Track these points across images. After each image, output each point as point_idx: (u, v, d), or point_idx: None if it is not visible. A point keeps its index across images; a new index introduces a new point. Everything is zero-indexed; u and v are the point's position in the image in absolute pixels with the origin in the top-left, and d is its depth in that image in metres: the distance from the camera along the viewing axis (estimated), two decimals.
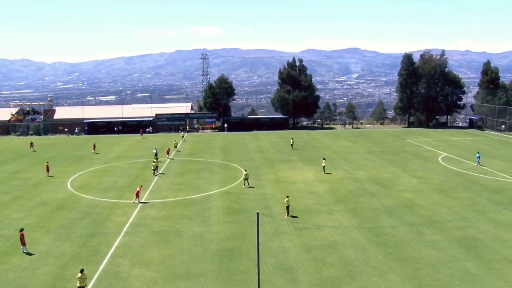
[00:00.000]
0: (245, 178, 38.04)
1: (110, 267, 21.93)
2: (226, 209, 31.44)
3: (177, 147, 58.61)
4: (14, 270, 21.70)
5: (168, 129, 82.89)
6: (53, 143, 69.83)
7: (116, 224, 28.51)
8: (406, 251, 23.34)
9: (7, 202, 34.24)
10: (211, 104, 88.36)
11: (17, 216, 30.42)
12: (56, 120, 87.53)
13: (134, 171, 45.31)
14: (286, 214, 29.19)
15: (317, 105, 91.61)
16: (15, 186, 39.60)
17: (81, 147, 63.74)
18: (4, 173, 45.42)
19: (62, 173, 45.02)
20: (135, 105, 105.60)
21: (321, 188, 36.95)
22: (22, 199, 34.91)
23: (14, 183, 40.68)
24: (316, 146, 61.01)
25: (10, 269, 21.80)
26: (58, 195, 36.12)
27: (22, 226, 26.29)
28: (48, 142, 71.36)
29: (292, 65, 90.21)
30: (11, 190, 38.09)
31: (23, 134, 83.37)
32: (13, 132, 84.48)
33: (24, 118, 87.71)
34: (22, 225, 26.66)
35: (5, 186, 39.49)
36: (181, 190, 36.94)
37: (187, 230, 26.87)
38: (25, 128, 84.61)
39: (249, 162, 48.91)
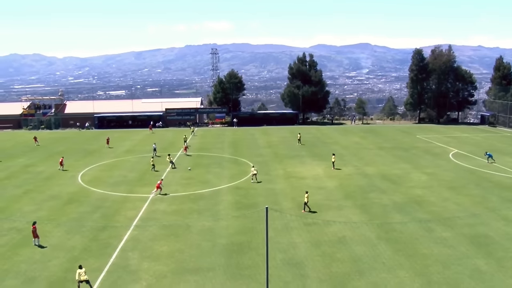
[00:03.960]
0: (253, 173, 38.00)
1: (120, 260, 22.13)
2: (235, 204, 31.51)
3: (186, 141, 58.67)
4: (26, 262, 22.02)
5: (178, 124, 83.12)
6: (64, 137, 70.44)
7: (126, 218, 28.73)
8: (415, 248, 23.22)
9: (19, 195, 34.66)
10: (220, 99, 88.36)
11: (29, 209, 30.80)
12: (67, 114, 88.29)
13: (143, 166, 45.55)
14: (303, 209, 29.26)
15: (327, 100, 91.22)
16: (27, 179, 40.07)
17: (91, 141, 64.21)
18: (16, 167, 45.97)
19: (73, 167, 45.42)
20: (145, 99, 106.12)
21: (331, 183, 36.85)
22: (34, 193, 35.32)
23: (25, 177, 41.15)
24: (325, 141, 60.78)
25: (22, 261, 22.13)
26: (69, 188, 36.48)
27: (34, 219, 26.61)
28: (59, 136, 72.01)
29: (302, 60, 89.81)
30: (23, 183, 38.55)
31: (34, 128, 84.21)
32: (25, 126, 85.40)
33: (35, 112, 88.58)
34: (33, 218, 27.00)
35: (17, 180, 39.98)
36: (190, 185, 37.09)
37: (196, 225, 27.00)
38: (36, 122, 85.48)
39: (258, 157, 48.91)
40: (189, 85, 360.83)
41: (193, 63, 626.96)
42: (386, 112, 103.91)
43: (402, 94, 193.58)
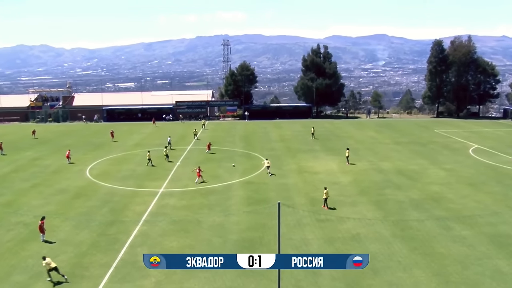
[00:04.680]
0: (266, 165, 38.68)
1: (128, 256, 22.32)
2: (247, 199, 31.57)
3: (196, 135, 58.93)
4: (33, 257, 22.31)
5: (188, 117, 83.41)
6: (72, 130, 71.16)
7: (135, 212, 28.97)
8: (432, 246, 23.00)
9: (26, 189, 35.15)
10: (232, 92, 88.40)
11: (36, 203, 31.21)
12: (75, 107, 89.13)
13: (153, 160, 45.64)
14: (323, 205, 29.28)
15: (342, 93, 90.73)
16: (34, 173, 40.59)
17: (100, 134, 64.75)
18: (24, 160, 46.60)
19: (81, 160, 45.88)
20: (154, 92, 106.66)
21: (345, 179, 36.69)
22: (41, 186, 35.79)
23: (33, 170, 41.70)
24: (340, 135, 60.51)
25: (30, 256, 22.43)
26: (77, 182, 36.88)
27: (41, 213, 27.01)
28: (67, 129, 72.77)
29: (316, 51, 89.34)
30: (31, 177, 39.07)
31: (42, 121, 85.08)
32: (32, 118, 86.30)
33: (43, 104, 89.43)
34: (41, 213, 27.38)
35: (24, 173, 40.53)
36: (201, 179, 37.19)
37: (207, 220, 27.11)
38: (44, 115, 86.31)
39: (270, 151, 48.87)
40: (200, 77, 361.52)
41: (204, 54, 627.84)
42: (403, 106, 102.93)
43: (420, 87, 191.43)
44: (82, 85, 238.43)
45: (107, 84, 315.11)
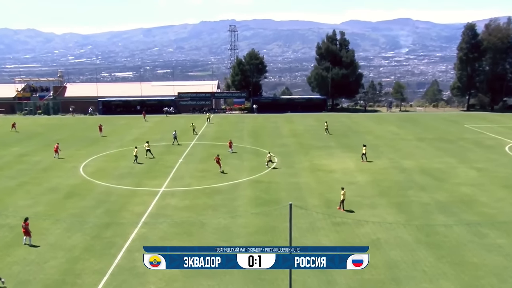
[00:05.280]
0: (268, 160, 39.93)
1: (125, 261, 22.35)
2: (255, 200, 31.53)
3: (195, 129, 58.89)
4: (19, 263, 22.32)
5: (191, 110, 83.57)
6: (64, 124, 71.60)
7: (133, 214, 29.03)
8: (463, 255, 22.71)
9: (12, 188, 35.33)
10: (239, 82, 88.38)
11: (24, 204, 31.34)
12: (67, 98, 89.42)
13: (153, 155, 45.92)
14: (338, 207, 29.25)
15: (360, 84, 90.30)
16: (22, 170, 40.80)
17: (95, 128, 64.89)
18: (10, 156, 46.91)
19: (74, 157, 46.10)
20: (155, 82, 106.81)
21: (363, 178, 36.50)
22: (29, 185, 35.97)
23: (20, 167, 41.92)
24: (357, 131, 60.32)
25: (15, 262, 22.40)
26: (69, 181, 37.03)
27: (29, 214, 27.08)
28: (59, 123, 73.23)
29: (332, 38, 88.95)
30: (17, 175, 39.26)
31: (30, 113, 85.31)
32: (19, 111, 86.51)
33: (31, 95, 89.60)
34: (29, 214, 27.44)
35: (10, 171, 40.76)
36: (205, 178, 37.26)
37: (212, 222, 27.09)
38: (32, 106, 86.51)
39: (281, 148, 48.79)
40: (204, 67, 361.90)
41: (209, 41, 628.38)
42: (428, 98, 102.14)
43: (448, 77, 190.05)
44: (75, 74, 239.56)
45: (103, 73, 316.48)
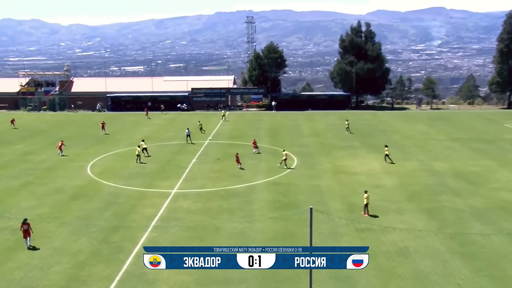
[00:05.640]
0: (284, 159, 40.13)
1: (134, 267, 22.46)
2: (273, 203, 31.50)
3: (202, 128, 58.80)
4: (22, 268, 22.50)
5: (206, 107, 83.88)
6: (70, 121, 72.43)
7: (143, 216, 29.21)
8: (503, 268, 22.23)
9: (16, 188, 35.78)
10: (257, 78, 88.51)
11: (27, 205, 31.69)
12: (74, 93, 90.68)
13: (165, 155, 46.21)
14: (363, 212, 29.10)
15: (387, 80, 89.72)
16: (26, 170, 41.31)
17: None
18: (13, 155, 47.57)
19: (81, 155, 46.60)
20: (167, 77, 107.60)
21: (390, 181, 36.20)
22: (33, 185, 36.42)
23: (24, 167, 42.47)
24: (383, 130, 59.98)
25: (17, 268, 22.58)
26: (76, 181, 37.42)
27: (33, 216, 27.40)
28: (65, 120, 74.12)
29: (356, 30, 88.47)
30: (21, 174, 39.76)
31: (34, 109, 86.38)
32: (23, 106, 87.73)
33: (36, 90, 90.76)
34: (33, 216, 27.72)
35: (13, 170, 41.28)
36: (220, 179, 37.36)
37: (226, 227, 27.10)
38: (37, 102, 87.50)
39: (301, 148, 48.68)
40: (219, 61, 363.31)
41: (225, 34, 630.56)
42: (463, 95, 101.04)
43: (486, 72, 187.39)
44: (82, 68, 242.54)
45: (112, 67, 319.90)
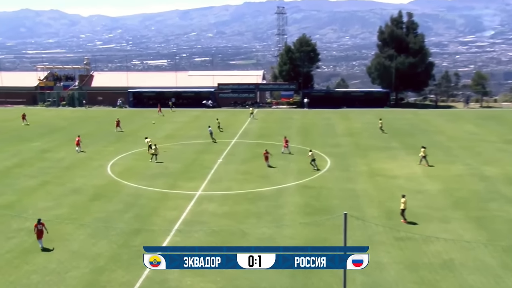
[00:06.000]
0: (312, 159, 40.08)
1: (156, 273, 22.61)
2: (304, 207, 31.42)
3: (220, 126, 58.84)
4: (39, 272, 22.91)
5: (233, 104, 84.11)
6: (91, 117, 73.62)
7: (165, 219, 29.48)
8: None
9: (33, 187, 36.54)
10: (288, 73, 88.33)
11: (45, 206, 32.31)
12: (94, 88, 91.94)
13: (189, 155, 46.57)
14: (403, 219, 28.82)
15: (431, 75, 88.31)
16: (43, 168, 42.17)
17: (124, 123, 66.33)
18: (30, 152, 48.60)
19: (101, 154, 47.34)
20: (192, 72, 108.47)
21: (433, 186, 35.69)
22: (51, 185, 37.14)
23: (42, 165, 43.35)
24: (426, 130, 59.32)
25: (34, 271, 23.01)
26: (95, 181, 38.03)
27: (51, 217, 27.97)
28: (84, 116, 75.40)
29: (397, 21, 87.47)
30: (38, 173, 40.57)
31: (53, 104, 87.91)
32: (41, 102, 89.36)
33: (54, 84, 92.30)
34: (50, 216, 28.34)
35: (31, 169, 42.17)
36: (247, 181, 37.48)
37: (254, 232, 27.12)
38: (55, 97, 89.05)
39: (335, 148, 48.46)
40: (247, 54, 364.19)
41: (254, 25, 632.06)
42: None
43: None
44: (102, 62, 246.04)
45: (134, 61, 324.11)
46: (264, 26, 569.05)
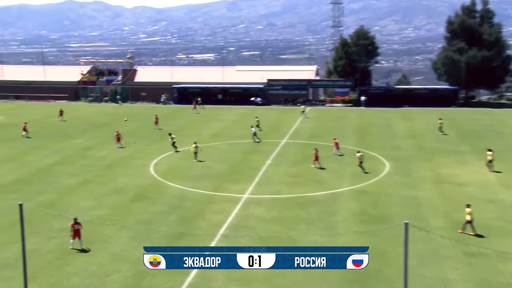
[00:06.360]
0: (360, 161, 40.54)
1: (199, 280, 22.92)
2: (360, 215, 31.15)
3: (259, 125, 58.47)
4: (79, 274, 23.53)
5: (283, 101, 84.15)
6: (133, 113, 75.07)
7: (210, 223, 29.78)
8: None
9: (74, 186, 37.68)
10: (343, 68, 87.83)
11: (86, 205, 33.24)
12: (137, 83, 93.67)
13: (236, 155, 46.92)
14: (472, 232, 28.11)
15: (508, 70, 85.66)
16: (85, 166, 43.42)
17: (169, 120, 67.52)
18: (72, 150, 50.09)
19: (144, 152, 48.31)
20: (240, 66, 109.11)
21: (509, 196, 34.72)
22: (93, 184, 38.20)
23: (83, 163, 44.65)
24: (501, 132, 58.18)
25: (75, 273, 23.66)
26: (138, 180, 38.82)
27: (92, 217, 28.74)
28: (127, 112, 76.90)
29: (469, 9, 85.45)
30: (80, 171, 41.80)
31: (95, 100, 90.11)
32: (84, 97, 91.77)
33: (97, 79, 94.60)
34: (91, 217, 29.14)
35: (72, 166, 43.47)
36: (298, 184, 37.44)
37: (304, 239, 26.99)
38: (98, 92, 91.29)
39: (394, 151, 47.83)
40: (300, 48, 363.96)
41: (307, 16, 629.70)
42: None
43: None
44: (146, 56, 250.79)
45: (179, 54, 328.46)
46: (318, 18, 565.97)
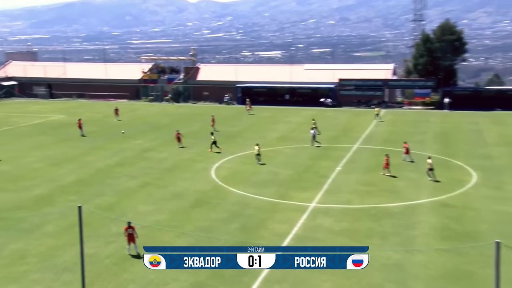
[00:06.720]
0: (429, 168, 39.37)
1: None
2: (442, 230, 30.40)
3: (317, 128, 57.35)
4: (137, 282, 24.07)
5: (356, 103, 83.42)
6: (195, 114, 76.27)
7: (273, 233, 29.77)
8: None
9: (133, 189, 38.63)
10: (424, 67, 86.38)
11: (144, 210, 33.98)
12: (199, 82, 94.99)
13: (303, 160, 46.78)
14: None
15: None
16: (144, 168, 44.44)
17: (232, 121, 68.27)
18: (132, 151, 51.39)
19: (205, 155, 48.90)
20: (309, 65, 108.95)
21: None
22: (152, 187, 39.00)
23: (143, 165, 45.73)
24: None
25: (132, 281, 24.22)
26: (198, 185, 39.35)
27: (151, 222, 29.35)
28: (189, 112, 78.26)
29: None
30: (139, 173, 42.84)
31: (157, 99, 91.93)
32: (144, 96, 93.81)
33: (158, 78, 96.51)
34: (150, 222, 29.79)
35: (131, 168, 44.60)
36: (370, 194, 37.00)
37: (377, 255, 26.57)
38: (159, 91, 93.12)
39: (483, 160, 46.50)
40: (375, 45, 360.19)
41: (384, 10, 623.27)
42: None
43: None
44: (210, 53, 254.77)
45: (244, 51, 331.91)
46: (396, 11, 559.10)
